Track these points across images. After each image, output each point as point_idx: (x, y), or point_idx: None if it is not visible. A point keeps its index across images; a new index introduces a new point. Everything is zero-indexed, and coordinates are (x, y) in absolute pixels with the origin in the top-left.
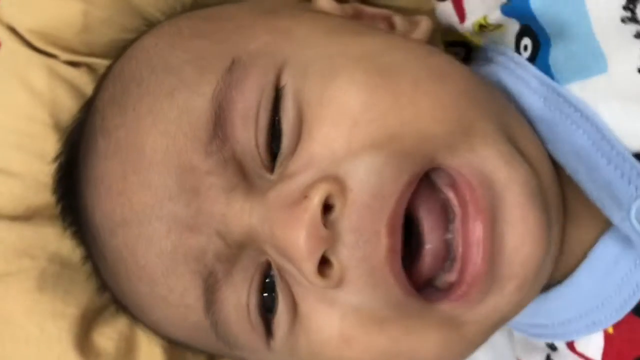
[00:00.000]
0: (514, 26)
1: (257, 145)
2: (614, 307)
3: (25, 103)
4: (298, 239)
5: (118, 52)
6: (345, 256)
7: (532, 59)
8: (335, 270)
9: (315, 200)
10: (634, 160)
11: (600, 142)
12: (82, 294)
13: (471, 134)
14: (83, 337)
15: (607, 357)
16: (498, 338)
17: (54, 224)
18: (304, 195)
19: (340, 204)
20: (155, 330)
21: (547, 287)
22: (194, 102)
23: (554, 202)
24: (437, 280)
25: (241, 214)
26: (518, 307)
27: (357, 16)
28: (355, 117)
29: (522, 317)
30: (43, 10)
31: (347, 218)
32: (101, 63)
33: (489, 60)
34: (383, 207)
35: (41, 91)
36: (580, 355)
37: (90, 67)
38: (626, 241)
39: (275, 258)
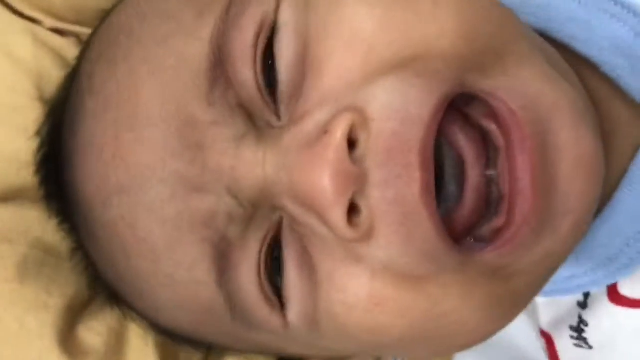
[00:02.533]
0: None
1: (259, 88)
2: None
3: (8, 73)
4: (322, 180)
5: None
6: (375, 199)
7: None
8: (364, 218)
9: (338, 133)
10: None
11: None
12: (68, 283)
13: (504, 54)
14: (68, 332)
15: None
16: None
17: (38, 207)
18: (324, 131)
19: (365, 136)
20: (158, 319)
21: None
22: (192, 48)
23: (595, 119)
24: (478, 231)
25: (253, 165)
26: (571, 250)
27: None
28: (371, 40)
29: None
30: None
31: (374, 151)
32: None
33: None
34: (413, 133)
35: (25, 60)
36: (623, 300)
37: (79, 38)
38: None
39: (292, 211)
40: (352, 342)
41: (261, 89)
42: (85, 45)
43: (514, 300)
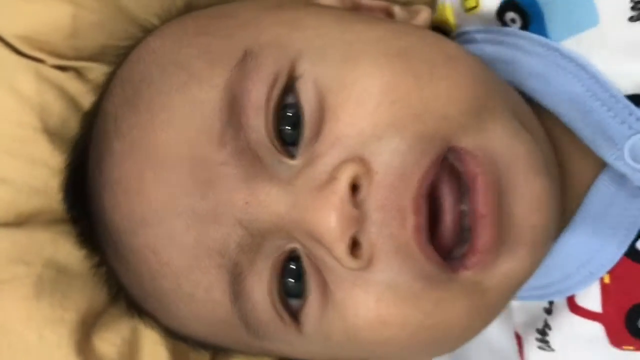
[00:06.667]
0: (490, 3)
1: (268, 133)
2: (610, 251)
3: (13, 108)
4: (329, 221)
5: (113, 58)
6: (374, 234)
7: (524, 28)
8: (365, 250)
9: (343, 182)
10: (626, 100)
11: (594, 86)
12: (81, 298)
13: (482, 113)
14: (84, 342)
15: (607, 308)
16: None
17: (48, 229)
18: (332, 177)
19: (366, 184)
20: (179, 329)
21: None
22: (206, 94)
23: (552, 162)
24: (455, 252)
25: (267, 202)
26: (532, 270)
27: (355, 8)
28: (379, 97)
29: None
30: (30, 14)
31: (374, 197)
32: (89, 66)
33: (470, 42)
34: (407, 187)
35: (29, 95)
36: (580, 310)
37: (78, 71)
38: (620, 181)
39: (306, 244)
40: (360, 351)
41: (270, 134)
42: (106, 87)
43: (489, 309)
